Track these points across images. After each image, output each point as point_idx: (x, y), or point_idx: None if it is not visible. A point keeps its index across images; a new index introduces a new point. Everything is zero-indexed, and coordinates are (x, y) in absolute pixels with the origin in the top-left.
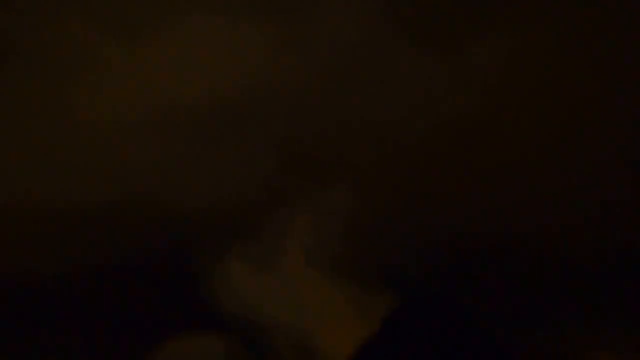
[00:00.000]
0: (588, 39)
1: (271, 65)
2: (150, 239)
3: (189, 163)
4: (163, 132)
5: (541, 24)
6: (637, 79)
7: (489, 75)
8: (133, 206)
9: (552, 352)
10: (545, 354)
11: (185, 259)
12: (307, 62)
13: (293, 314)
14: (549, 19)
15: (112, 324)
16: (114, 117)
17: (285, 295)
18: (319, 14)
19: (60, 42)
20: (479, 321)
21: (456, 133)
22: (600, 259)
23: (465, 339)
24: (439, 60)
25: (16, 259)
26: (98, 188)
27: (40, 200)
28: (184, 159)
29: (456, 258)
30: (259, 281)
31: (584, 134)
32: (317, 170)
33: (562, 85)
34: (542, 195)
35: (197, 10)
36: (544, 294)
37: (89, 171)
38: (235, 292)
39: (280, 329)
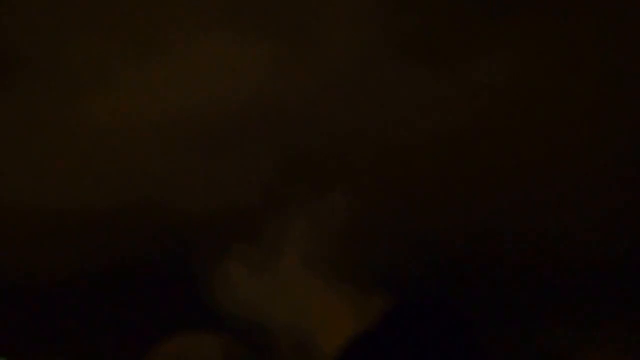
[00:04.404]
0: (589, 54)
1: (272, 78)
2: (151, 240)
3: (190, 168)
4: (166, 139)
5: (543, 40)
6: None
7: (489, 86)
8: (135, 208)
9: (551, 352)
10: (545, 354)
11: (185, 260)
12: (306, 74)
13: (291, 314)
14: (551, 35)
15: (111, 324)
16: (120, 124)
17: (284, 297)
18: (319, 31)
19: (72, 56)
20: (475, 322)
21: (454, 139)
22: (600, 258)
23: (461, 339)
24: (439, 74)
25: (17, 259)
26: (100, 190)
27: (43, 202)
28: (186, 164)
29: (453, 260)
30: (257, 282)
31: (584, 141)
32: (315, 175)
33: (562, 97)
34: (540, 197)
35: (204, 27)
36: (542, 295)
37: (91, 174)
38: (234, 293)
39: (278, 329)
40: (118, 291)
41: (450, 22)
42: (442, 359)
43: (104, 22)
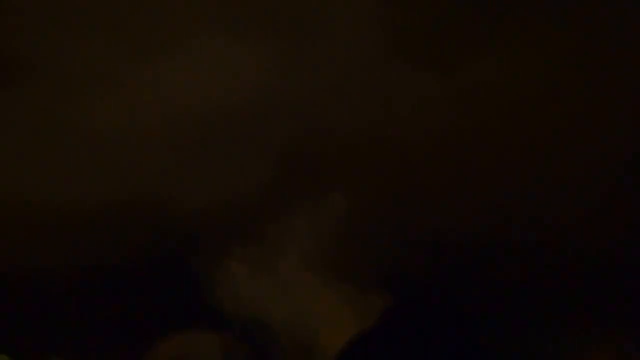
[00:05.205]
0: (585, 54)
1: (272, 79)
2: (151, 239)
3: (191, 167)
4: (166, 138)
5: (541, 42)
6: (633, 98)
7: (490, 86)
8: (135, 207)
9: (551, 352)
10: (545, 354)
11: (185, 259)
12: (305, 76)
13: (291, 314)
14: (548, 36)
15: (111, 324)
16: (121, 124)
17: (284, 296)
18: (319, 31)
19: (73, 57)
20: (475, 321)
21: (454, 139)
22: (600, 258)
23: (460, 339)
24: (438, 73)
25: (15, 258)
26: (101, 189)
27: (41, 200)
28: (186, 163)
29: (453, 259)
30: (258, 282)
31: (582, 140)
32: (316, 175)
33: (560, 97)
34: (539, 196)
35: (205, 27)
36: (542, 294)
37: (92, 173)
38: (235, 292)
39: (278, 328)
40: (118, 289)
41: (449, 23)
42: (442, 358)
43: (104, 23)
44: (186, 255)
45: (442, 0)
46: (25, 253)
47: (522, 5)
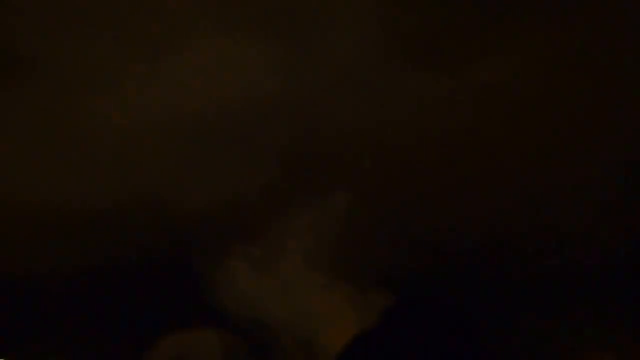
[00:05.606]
0: (589, 55)
1: (274, 79)
2: (152, 239)
3: (193, 166)
4: (168, 138)
5: (542, 42)
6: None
7: (489, 87)
8: (137, 206)
9: (551, 352)
10: (545, 353)
11: (187, 258)
12: (305, 76)
13: (292, 313)
14: (550, 37)
15: (111, 324)
16: (122, 124)
17: (285, 295)
18: (320, 31)
19: (75, 56)
20: (475, 321)
21: (454, 140)
22: (600, 258)
23: (461, 339)
24: (439, 74)
25: (15, 258)
26: (103, 188)
27: (42, 200)
28: (188, 162)
29: (453, 260)
30: (259, 281)
31: (584, 142)
32: (317, 175)
33: (562, 98)
34: (539, 196)
35: (207, 27)
36: (542, 294)
37: (94, 172)
38: (236, 292)
39: (279, 327)
40: (119, 288)
41: (450, 23)
42: (442, 358)
43: (105, 23)
44: (186, 255)
45: (443, 0)
46: (25, 253)
47: (525, 6)
